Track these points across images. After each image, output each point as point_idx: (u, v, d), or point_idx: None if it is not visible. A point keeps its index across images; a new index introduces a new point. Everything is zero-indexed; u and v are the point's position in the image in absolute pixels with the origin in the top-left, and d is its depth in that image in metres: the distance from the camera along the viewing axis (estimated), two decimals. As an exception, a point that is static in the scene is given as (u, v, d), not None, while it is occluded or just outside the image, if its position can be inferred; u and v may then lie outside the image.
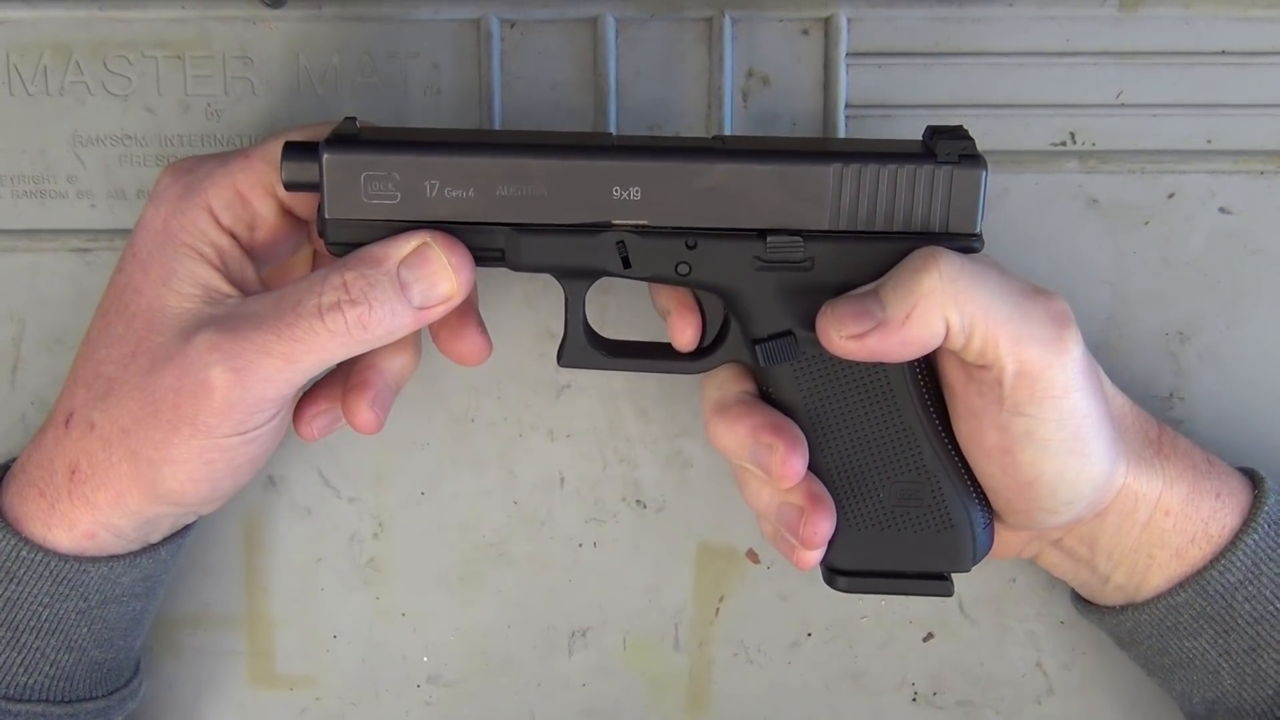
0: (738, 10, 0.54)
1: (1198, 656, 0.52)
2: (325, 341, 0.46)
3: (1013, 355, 0.46)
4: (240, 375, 0.46)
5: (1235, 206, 0.56)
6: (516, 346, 0.57)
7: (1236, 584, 0.50)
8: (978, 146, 0.47)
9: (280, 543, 0.58)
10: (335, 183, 0.46)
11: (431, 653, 0.60)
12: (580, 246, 0.47)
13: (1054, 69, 0.55)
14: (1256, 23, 0.55)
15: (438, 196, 0.46)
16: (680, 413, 0.58)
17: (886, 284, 0.46)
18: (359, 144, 0.46)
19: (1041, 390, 0.46)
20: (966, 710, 0.60)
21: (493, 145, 0.47)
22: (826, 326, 0.47)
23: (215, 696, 0.60)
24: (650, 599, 0.59)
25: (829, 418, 0.49)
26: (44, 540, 0.49)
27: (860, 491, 0.50)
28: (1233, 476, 0.52)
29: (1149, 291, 0.57)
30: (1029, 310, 0.46)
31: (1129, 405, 0.52)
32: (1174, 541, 0.51)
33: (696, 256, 0.48)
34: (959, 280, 0.45)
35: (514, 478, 0.58)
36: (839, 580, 0.51)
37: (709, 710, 0.60)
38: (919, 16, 0.54)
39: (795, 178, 0.46)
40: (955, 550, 0.50)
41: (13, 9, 0.54)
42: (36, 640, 0.50)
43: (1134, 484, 0.50)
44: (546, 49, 0.55)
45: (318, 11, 0.54)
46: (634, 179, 0.46)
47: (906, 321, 0.45)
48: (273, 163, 0.49)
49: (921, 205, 0.47)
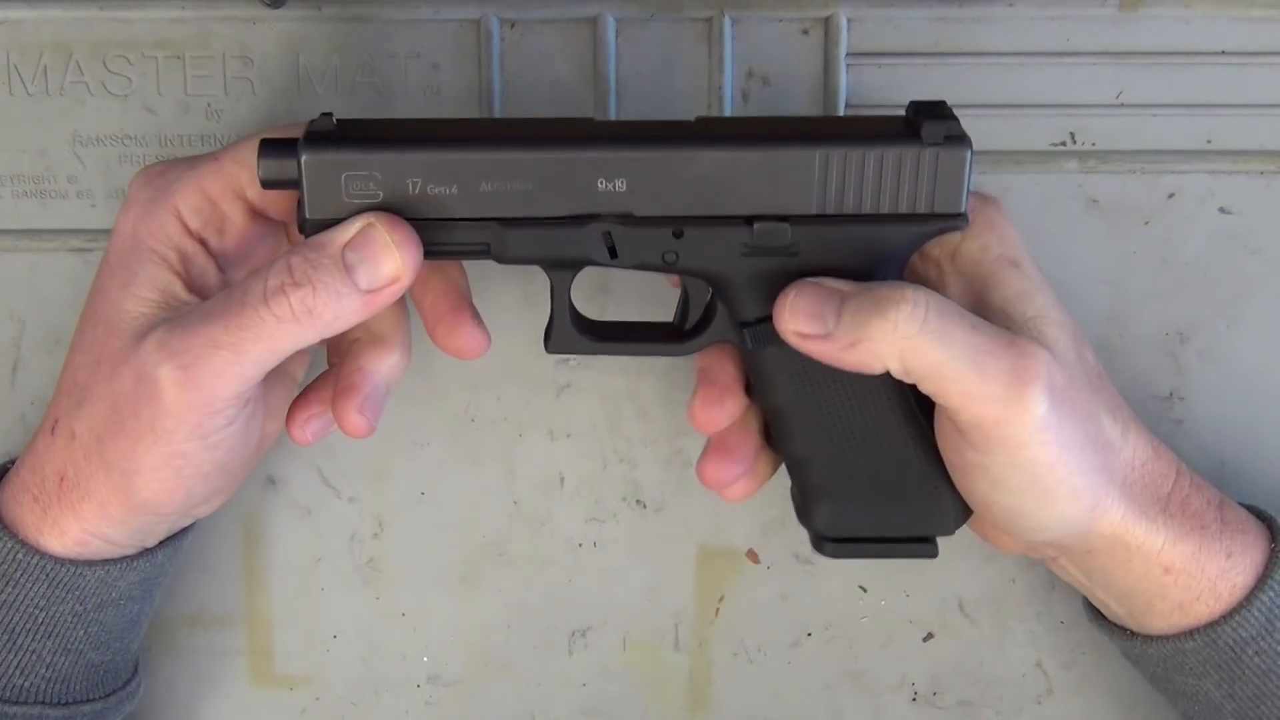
0: (738, 10, 0.54)
1: (1201, 694, 0.51)
2: (272, 329, 0.45)
3: (964, 408, 0.45)
4: (189, 372, 0.45)
5: (1235, 206, 0.56)
6: (516, 345, 0.57)
7: (1248, 639, 0.49)
8: (963, 127, 0.47)
9: (280, 542, 0.58)
10: (315, 183, 0.46)
11: (431, 653, 0.60)
12: (566, 238, 0.47)
13: (1054, 69, 0.55)
14: (1256, 23, 0.55)
15: (420, 194, 0.46)
16: (680, 413, 0.58)
17: (849, 301, 0.46)
18: (338, 142, 0.46)
19: (995, 441, 0.46)
20: (966, 710, 0.60)
21: (475, 140, 0.46)
22: (782, 312, 0.46)
23: (215, 696, 0.60)
24: (650, 599, 0.59)
25: (813, 396, 0.49)
26: (38, 544, 0.49)
27: (845, 464, 0.50)
28: (1248, 533, 0.50)
29: (1149, 291, 0.57)
30: (987, 367, 0.45)
31: (1148, 458, 0.50)
32: (1176, 596, 0.49)
33: (683, 245, 0.47)
34: (915, 337, 0.45)
35: (514, 477, 0.58)
36: (826, 546, 0.51)
37: (709, 710, 0.60)
38: (919, 16, 0.54)
39: (781, 164, 0.46)
40: (939, 514, 0.51)
41: (13, 9, 0.54)
42: (33, 643, 0.50)
43: (1126, 536, 0.48)
44: (546, 49, 0.55)
45: (317, 11, 0.54)
46: (619, 171, 0.46)
47: (850, 348, 0.45)
48: (243, 165, 0.48)
49: (907, 187, 0.47)
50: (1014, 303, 0.48)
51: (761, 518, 0.58)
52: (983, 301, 0.49)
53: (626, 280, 0.56)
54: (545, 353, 0.51)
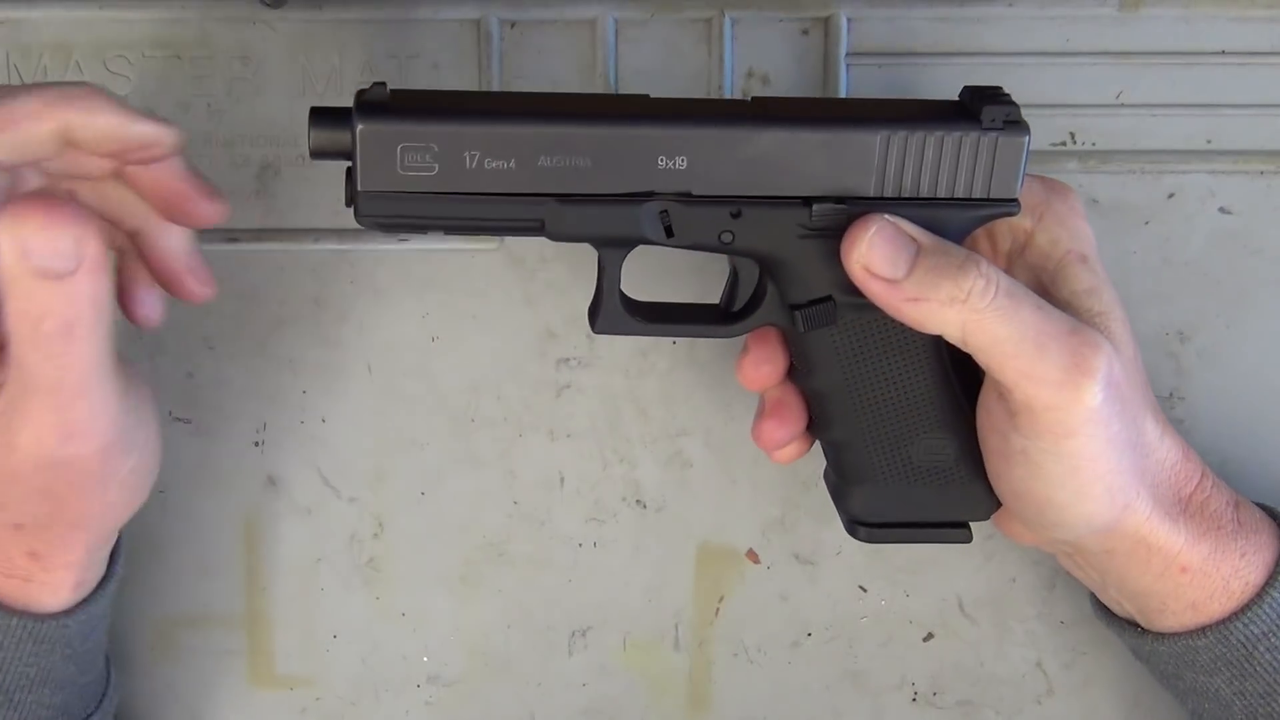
0: (738, 10, 0.54)
1: (1212, 691, 0.51)
2: (72, 360, 0.42)
3: (1019, 388, 0.45)
4: (72, 438, 0.43)
5: (1235, 206, 0.56)
6: (516, 345, 0.57)
7: (1260, 635, 0.49)
8: (1021, 113, 0.47)
9: (280, 543, 0.58)
10: (369, 154, 0.44)
11: (431, 653, 0.60)
12: (623, 216, 0.46)
13: (1054, 69, 0.55)
14: (1256, 23, 0.55)
15: (478, 168, 0.45)
16: (680, 412, 0.58)
17: (926, 256, 0.45)
18: (395, 112, 0.45)
19: (1044, 425, 0.45)
20: (966, 710, 0.60)
21: (534, 114, 0.45)
22: (857, 245, 0.46)
23: (215, 696, 0.60)
24: (650, 599, 0.59)
25: (860, 380, 0.49)
26: (28, 607, 0.48)
27: (886, 450, 0.50)
28: (1261, 532, 0.50)
29: (1149, 291, 0.57)
30: (1050, 350, 0.45)
31: (1178, 460, 0.50)
32: (1190, 595, 0.50)
33: (740, 225, 0.47)
34: (981, 311, 0.45)
35: (514, 478, 0.58)
36: (861, 531, 0.52)
37: (709, 710, 0.60)
38: (919, 16, 0.54)
39: (842, 145, 0.46)
40: (974, 500, 0.51)
41: (13, 9, 0.54)
42: (29, 695, 0.49)
43: (1149, 536, 0.48)
44: (546, 49, 0.55)
45: (318, 12, 0.54)
46: (680, 148, 0.46)
47: (914, 303, 0.45)
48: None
49: (965, 171, 0.46)
50: (1081, 298, 0.48)
51: (762, 518, 0.58)
52: (1051, 295, 0.49)
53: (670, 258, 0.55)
54: (592, 332, 0.50)
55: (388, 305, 0.56)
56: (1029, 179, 0.50)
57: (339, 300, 0.56)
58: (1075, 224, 0.50)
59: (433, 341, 0.57)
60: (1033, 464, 0.47)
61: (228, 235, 0.56)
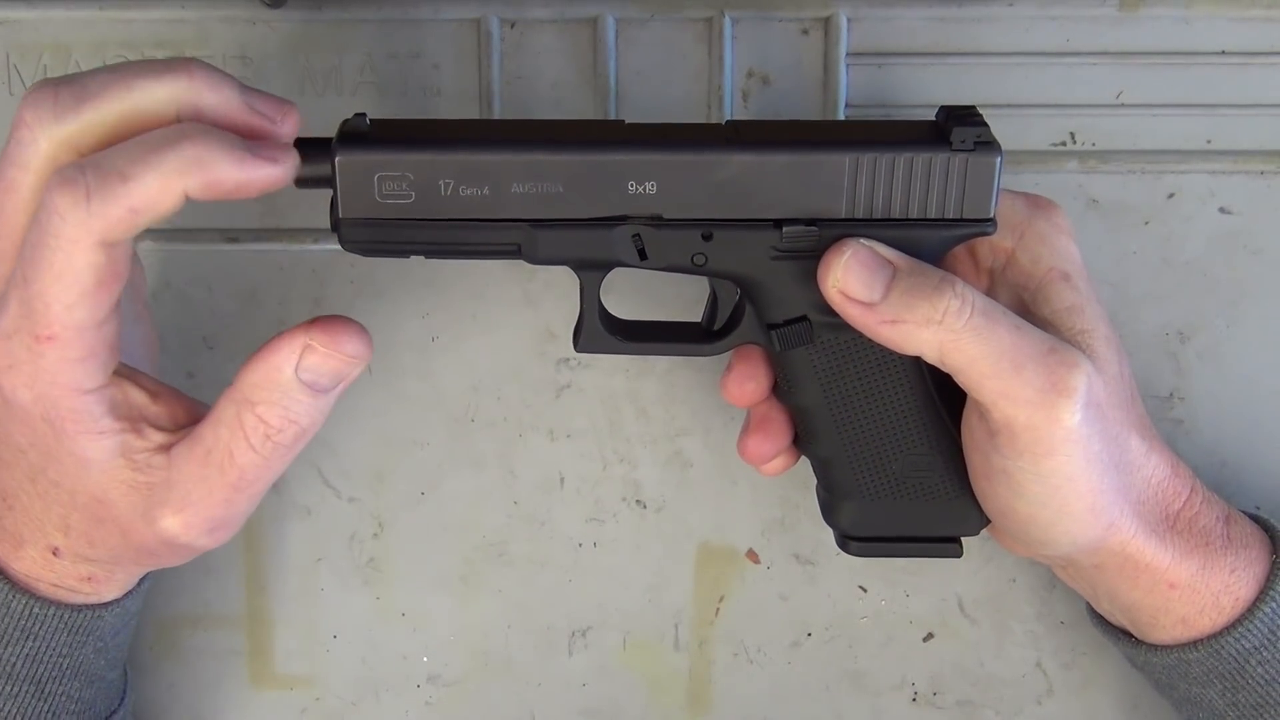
0: (738, 10, 0.54)
1: (1205, 702, 0.51)
2: (277, 466, 0.45)
3: (997, 407, 0.45)
4: (216, 531, 0.46)
5: (1235, 206, 0.56)
6: (516, 345, 0.57)
7: (1251, 650, 0.49)
8: (993, 133, 0.47)
9: (280, 543, 0.58)
10: (349, 183, 0.46)
11: (431, 653, 0.60)
12: (596, 240, 0.47)
13: (1054, 69, 0.55)
14: (1256, 23, 0.55)
15: (452, 195, 0.46)
16: (680, 413, 0.58)
17: (902, 279, 0.46)
18: (372, 142, 0.46)
19: (1023, 445, 0.45)
20: (966, 710, 0.60)
21: (507, 142, 0.46)
22: (832, 270, 0.46)
23: (215, 696, 0.60)
24: (650, 599, 0.59)
25: (841, 398, 0.49)
26: (59, 599, 0.48)
27: (872, 465, 0.50)
28: (1251, 547, 0.50)
29: (1149, 291, 0.57)
30: (1027, 370, 0.45)
31: (1165, 477, 0.49)
32: (1179, 610, 0.49)
33: (712, 248, 0.48)
34: (957, 331, 0.45)
35: (514, 478, 0.58)
36: (851, 545, 0.52)
37: (709, 710, 0.60)
38: (919, 16, 0.54)
39: (811, 168, 0.46)
40: (964, 515, 0.51)
41: (13, 9, 0.54)
42: (61, 687, 0.50)
43: (1136, 554, 0.48)
44: (546, 49, 0.55)
45: (318, 12, 0.54)
46: (649, 174, 0.46)
47: (890, 325, 0.45)
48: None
49: (936, 192, 0.47)
50: (1063, 316, 0.48)
51: (761, 518, 0.58)
52: (1032, 314, 0.49)
53: (652, 280, 0.56)
54: (575, 351, 0.51)
55: (388, 305, 0.57)
56: (1013, 196, 0.50)
57: (339, 300, 0.57)
58: (1058, 241, 0.50)
59: (433, 341, 0.57)
60: (1014, 483, 0.47)
61: (228, 235, 0.56)
